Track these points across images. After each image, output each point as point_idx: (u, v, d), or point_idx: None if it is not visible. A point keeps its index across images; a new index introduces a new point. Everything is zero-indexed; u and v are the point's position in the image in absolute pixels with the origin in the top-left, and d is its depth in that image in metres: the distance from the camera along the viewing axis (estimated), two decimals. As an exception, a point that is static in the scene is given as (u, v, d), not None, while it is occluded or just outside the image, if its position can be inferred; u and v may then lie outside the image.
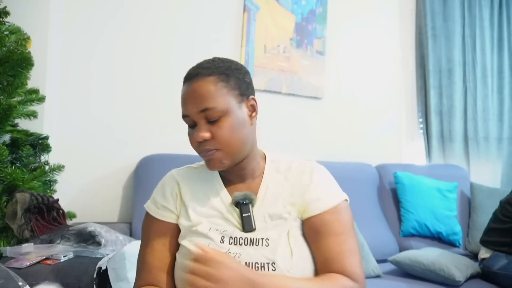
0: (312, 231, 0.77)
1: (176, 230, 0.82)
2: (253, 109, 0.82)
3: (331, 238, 0.75)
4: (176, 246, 0.82)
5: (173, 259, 0.81)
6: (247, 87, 0.81)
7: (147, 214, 0.85)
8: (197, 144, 0.78)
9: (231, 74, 0.78)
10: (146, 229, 0.84)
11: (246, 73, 0.83)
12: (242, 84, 0.80)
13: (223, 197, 0.82)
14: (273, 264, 0.72)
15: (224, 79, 0.77)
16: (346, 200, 0.82)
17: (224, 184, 0.85)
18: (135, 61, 1.87)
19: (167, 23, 1.94)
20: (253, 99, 0.82)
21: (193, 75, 0.79)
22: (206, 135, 0.76)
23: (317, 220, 0.77)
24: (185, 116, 0.80)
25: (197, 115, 0.76)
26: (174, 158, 1.69)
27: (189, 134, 0.81)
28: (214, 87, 0.76)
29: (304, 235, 0.78)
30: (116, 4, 1.83)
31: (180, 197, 0.83)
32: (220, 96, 0.75)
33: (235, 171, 0.83)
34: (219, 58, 0.82)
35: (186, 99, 0.78)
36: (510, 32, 2.90)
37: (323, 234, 0.76)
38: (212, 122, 0.76)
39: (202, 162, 0.88)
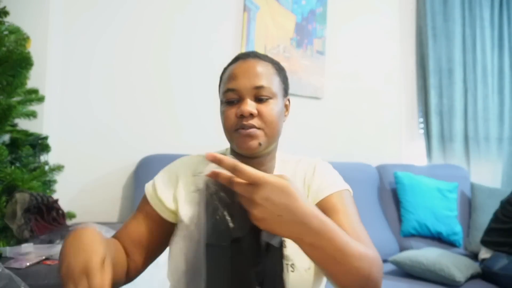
0: None
1: (163, 222, 0.81)
2: (286, 108, 0.85)
3: (339, 216, 0.72)
4: (158, 234, 0.80)
5: (148, 242, 0.80)
6: (288, 87, 0.85)
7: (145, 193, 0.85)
8: (236, 121, 0.75)
9: (282, 69, 0.84)
10: (141, 203, 0.86)
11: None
12: (286, 82, 0.84)
13: None
14: (292, 265, 0.71)
15: (277, 69, 0.81)
16: (348, 190, 0.81)
17: None
18: (135, 61, 1.86)
19: (166, 23, 1.94)
20: (288, 100, 0.86)
21: (250, 55, 0.80)
22: (255, 110, 0.74)
23: (322, 205, 0.76)
24: (231, 90, 0.76)
25: (249, 90, 0.75)
26: (174, 158, 1.67)
27: (225, 111, 0.77)
28: (271, 71, 0.79)
29: None
30: (116, 4, 1.83)
31: (175, 193, 0.82)
32: (274, 81, 0.78)
33: (253, 166, 0.79)
34: None
35: (240, 73, 0.77)
36: (510, 32, 2.90)
37: (331, 213, 0.72)
38: (260, 101, 0.76)
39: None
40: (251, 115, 0.74)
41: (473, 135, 2.75)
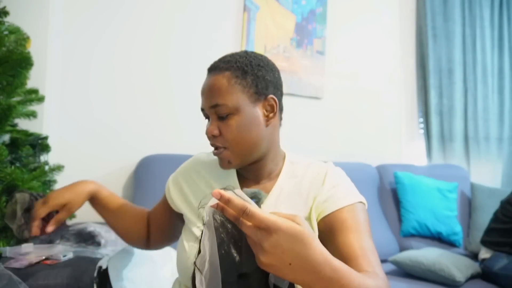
0: (327, 230, 0.72)
1: (173, 211, 0.91)
2: (271, 109, 0.78)
3: (348, 233, 0.69)
4: (170, 219, 0.94)
5: (163, 224, 0.97)
6: (266, 86, 0.77)
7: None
8: (209, 139, 0.79)
9: (249, 70, 0.75)
10: (165, 191, 0.95)
11: (270, 71, 0.78)
12: (261, 82, 0.76)
13: None
14: None
15: (239, 75, 0.74)
16: (362, 203, 0.77)
17: (240, 181, 0.83)
18: (135, 61, 1.86)
19: (167, 23, 1.94)
20: (273, 98, 0.77)
21: (212, 68, 0.78)
22: (215, 131, 0.75)
23: (331, 219, 0.73)
24: (202, 109, 0.80)
25: (209, 109, 0.76)
26: (174, 158, 1.68)
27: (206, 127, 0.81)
28: (227, 83, 0.74)
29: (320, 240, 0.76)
30: (116, 4, 1.83)
31: (182, 192, 0.89)
32: (232, 93, 0.73)
33: (250, 170, 0.82)
34: (246, 52, 0.79)
35: (203, 92, 0.78)
36: (510, 32, 2.90)
37: (338, 230, 0.70)
38: (222, 118, 0.75)
39: None
40: (214, 136, 0.76)
41: (473, 135, 2.75)
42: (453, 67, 2.72)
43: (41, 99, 1.44)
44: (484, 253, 1.84)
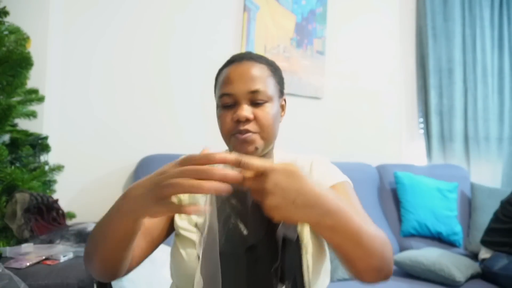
0: None
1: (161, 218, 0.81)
2: (282, 109, 0.85)
3: None
4: (161, 220, 0.80)
5: (153, 227, 0.79)
6: (283, 87, 0.85)
7: None
8: (233, 125, 0.75)
9: (277, 69, 0.83)
10: None
11: (282, 75, 0.87)
12: (282, 82, 0.84)
13: None
14: None
15: (273, 70, 0.81)
16: (348, 182, 0.81)
17: None
18: (135, 61, 1.87)
19: (167, 23, 1.94)
20: (285, 100, 0.86)
21: (245, 58, 0.79)
22: (251, 115, 0.75)
23: None
24: (226, 95, 0.76)
25: (245, 95, 0.75)
26: (174, 158, 1.68)
27: (222, 115, 0.78)
28: (266, 73, 0.79)
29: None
30: (116, 4, 1.83)
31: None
32: (269, 83, 0.78)
33: None
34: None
35: (235, 77, 0.76)
36: (510, 32, 2.90)
37: None
38: (256, 105, 0.76)
39: None
40: (247, 120, 0.75)
41: (473, 135, 2.75)
42: (453, 67, 2.72)
43: (41, 99, 1.44)
44: (484, 253, 1.84)
